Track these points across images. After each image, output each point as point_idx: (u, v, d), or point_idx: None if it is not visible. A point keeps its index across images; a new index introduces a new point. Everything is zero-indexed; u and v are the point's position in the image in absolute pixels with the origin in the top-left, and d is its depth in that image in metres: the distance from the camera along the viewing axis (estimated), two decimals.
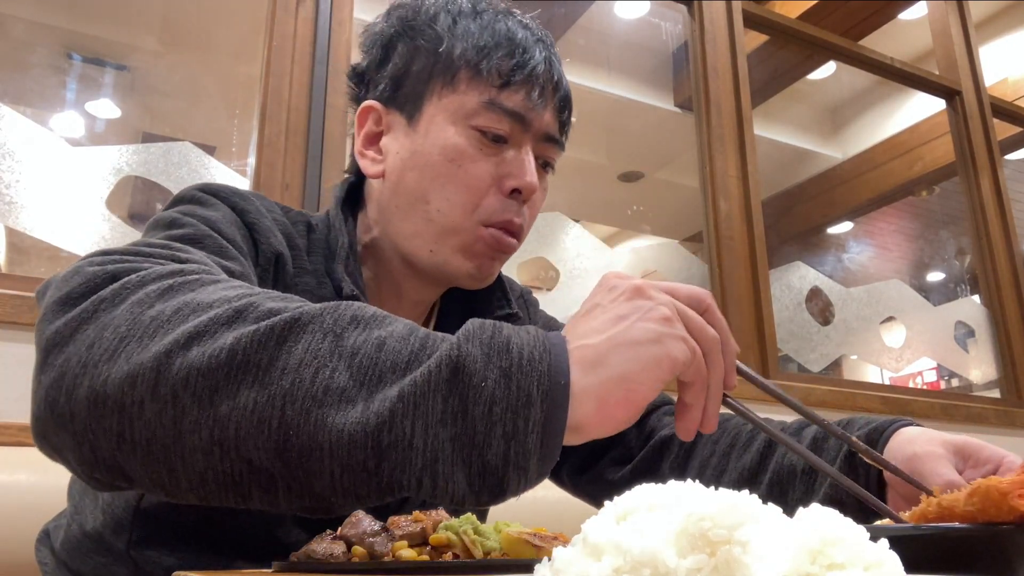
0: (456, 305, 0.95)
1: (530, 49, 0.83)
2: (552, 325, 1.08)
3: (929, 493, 0.59)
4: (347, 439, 0.46)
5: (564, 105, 0.87)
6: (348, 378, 0.48)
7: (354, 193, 0.92)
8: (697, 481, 0.35)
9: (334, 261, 0.83)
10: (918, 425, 0.77)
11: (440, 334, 0.51)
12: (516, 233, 0.85)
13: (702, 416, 0.58)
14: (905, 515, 0.53)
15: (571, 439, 0.51)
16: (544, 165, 0.89)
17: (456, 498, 0.49)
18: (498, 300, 0.92)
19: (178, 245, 0.64)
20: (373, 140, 0.88)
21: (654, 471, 0.94)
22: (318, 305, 0.52)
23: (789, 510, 0.34)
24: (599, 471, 0.99)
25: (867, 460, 0.68)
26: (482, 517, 0.79)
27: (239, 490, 0.50)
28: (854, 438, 0.66)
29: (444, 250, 0.83)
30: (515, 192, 0.83)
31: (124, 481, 0.53)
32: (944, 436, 0.73)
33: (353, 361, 0.48)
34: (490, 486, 0.49)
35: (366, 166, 0.88)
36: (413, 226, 0.84)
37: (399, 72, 0.86)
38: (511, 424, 0.47)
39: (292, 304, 0.52)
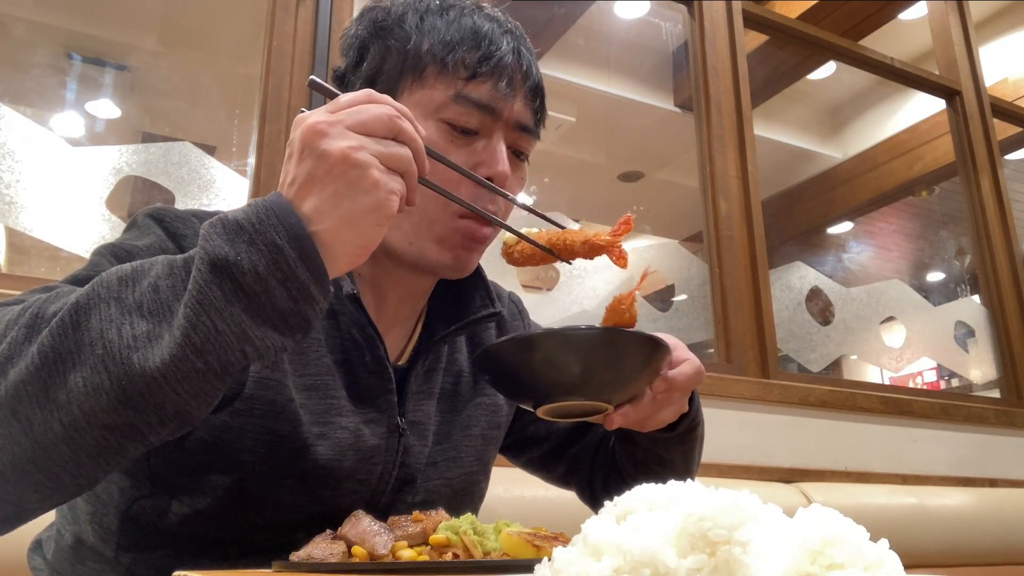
0: (439, 301, 0.96)
1: (497, 40, 0.84)
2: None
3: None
4: (171, 360, 0.55)
5: (535, 94, 0.88)
6: (145, 324, 0.57)
7: None
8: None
9: None
10: None
11: (192, 251, 0.59)
12: (490, 224, 0.86)
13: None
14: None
15: (339, 261, 0.61)
16: (518, 155, 0.89)
17: (278, 348, 0.59)
18: (481, 299, 0.93)
19: (34, 298, 0.67)
20: None
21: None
22: (84, 287, 0.60)
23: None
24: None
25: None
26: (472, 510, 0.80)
27: (113, 453, 0.58)
28: None
29: (422, 242, 0.84)
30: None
31: (14, 511, 0.60)
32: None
33: (142, 310, 0.57)
34: (295, 325, 0.59)
35: None
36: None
37: (372, 71, 0.87)
38: (278, 273, 0.57)
39: (68, 297, 0.60)
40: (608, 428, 0.79)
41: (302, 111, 0.65)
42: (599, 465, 1.05)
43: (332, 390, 0.82)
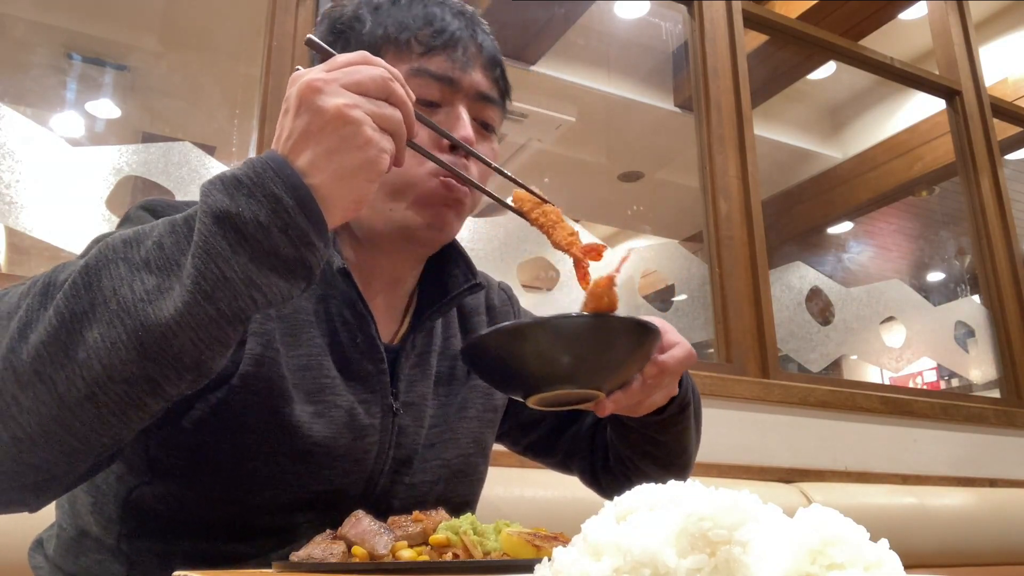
0: (428, 286, 0.97)
1: (448, 19, 0.88)
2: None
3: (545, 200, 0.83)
4: (184, 308, 0.57)
5: (493, 64, 0.91)
6: (155, 278, 0.59)
7: None
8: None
9: None
10: None
11: (192, 211, 0.61)
12: (466, 185, 0.87)
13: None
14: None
15: (333, 213, 0.63)
16: (485, 127, 0.91)
17: (285, 295, 0.62)
18: (463, 275, 0.95)
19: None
20: None
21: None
22: (91, 254, 0.62)
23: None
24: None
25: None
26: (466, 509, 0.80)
27: (135, 408, 0.60)
28: None
29: (399, 207, 0.85)
30: (455, 148, 0.85)
31: (43, 477, 0.63)
32: None
33: (150, 267, 0.60)
34: (298, 272, 0.62)
35: None
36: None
37: None
38: (278, 221, 0.59)
39: (77, 263, 0.62)
40: (599, 415, 0.80)
41: (297, 69, 0.67)
42: (598, 448, 1.06)
43: (325, 369, 0.83)
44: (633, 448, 0.97)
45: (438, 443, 0.91)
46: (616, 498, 0.36)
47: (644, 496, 0.34)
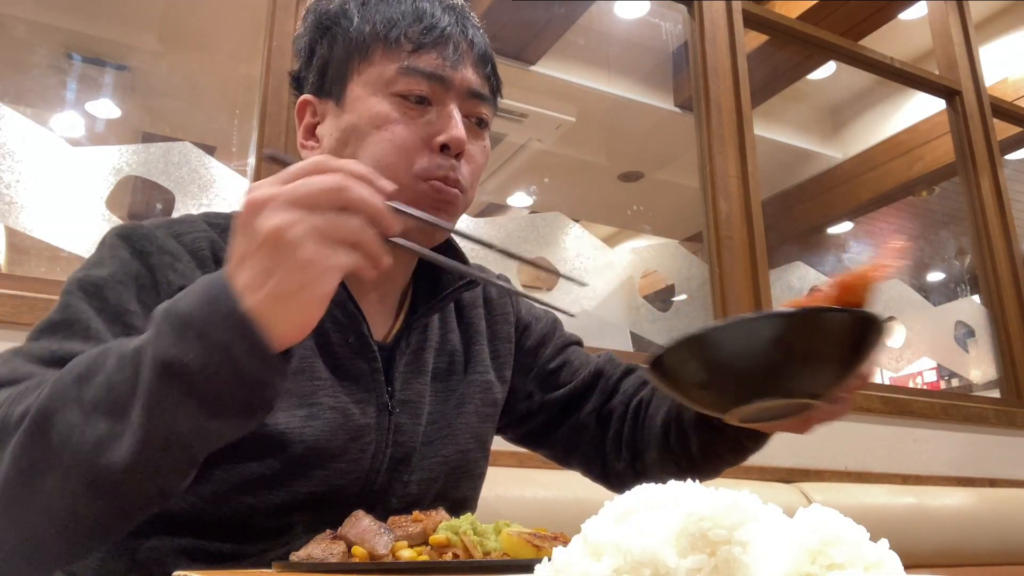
0: (423, 283, 0.96)
1: (438, 15, 0.86)
2: (535, 312, 1.11)
3: None
4: (135, 457, 0.57)
5: (484, 61, 0.89)
6: (105, 423, 0.58)
7: None
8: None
9: None
10: None
11: (143, 339, 0.60)
12: (457, 185, 0.85)
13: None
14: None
15: (275, 338, 0.59)
16: (478, 123, 0.90)
17: (243, 429, 0.61)
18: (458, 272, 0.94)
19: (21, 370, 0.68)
20: (312, 131, 0.91)
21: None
22: (49, 382, 0.62)
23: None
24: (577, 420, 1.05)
25: None
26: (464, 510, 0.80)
27: (110, 531, 0.63)
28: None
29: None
30: (445, 148, 0.84)
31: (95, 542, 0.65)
32: None
33: (99, 410, 0.59)
34: (255, 408, 0.60)
35: (306, 156, 0.90)
36: None
37: (322, 63, 0.89)
38: (231, 367, 0.57)
39: (32, 398, 0.61)
40: (801, 432, 0.73)
41: (250, 185, 0.66)
42: (611, 437, 1.02)
43: (316, 371, 0.82)
44: (710, 456, 0.94)
45: (436, 440, 0.90)
46: (616, 498, 0.36)
47: (644, 496, 0.34)
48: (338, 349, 0.85)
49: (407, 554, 0.61)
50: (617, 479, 1.04)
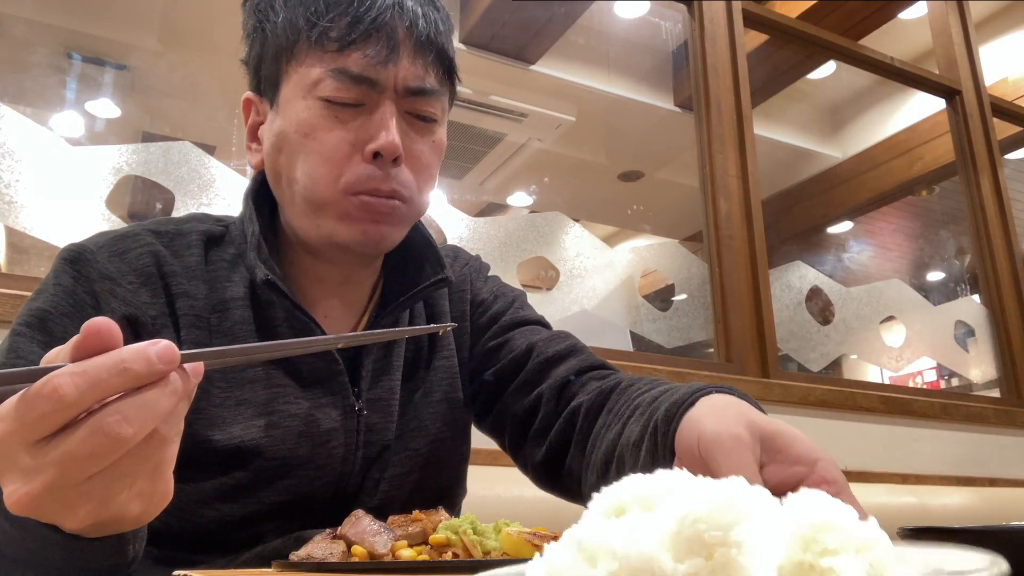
0: (395, 276, 0.92)
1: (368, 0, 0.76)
2: (503, 291, 1.02)
3: None
4: None
5: (427, 48, 0.79)
6: None
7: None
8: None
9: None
10: (731, 393, 0.64)
11: None
12: (394, 196, 0.78)
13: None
14: None
15: (81, 526, 0.48)
16: (424, 119, 0.81)
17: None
18: (432, 268, 0.89)
19: None
20: (255, 131, 0.86)
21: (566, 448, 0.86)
22: None
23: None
24: (526, 451, 0.92)
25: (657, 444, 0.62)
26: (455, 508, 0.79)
27: None
28: (659, 413, 0.63)
29: (325, 223, 0.79)
30: (378, 156, 0.77)
31: None
32: (753, 416, 0.57)
33: None
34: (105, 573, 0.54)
35: (250, 158, 0.86)
36: (294, 207, 0.82)
37: (257, 61, 0.83)
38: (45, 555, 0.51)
39: None
40: None
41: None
42: (550, 444, 0.88)
43: (275, 379, 0.80)
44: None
45: (405, 434, 0.87)
46: (604, 491, 0.34)
47: (633, 489, 0.33)
48: (298, 355, 0.81)
49: (407, 553, 0.61)
50: (535, 475, 0.94)
